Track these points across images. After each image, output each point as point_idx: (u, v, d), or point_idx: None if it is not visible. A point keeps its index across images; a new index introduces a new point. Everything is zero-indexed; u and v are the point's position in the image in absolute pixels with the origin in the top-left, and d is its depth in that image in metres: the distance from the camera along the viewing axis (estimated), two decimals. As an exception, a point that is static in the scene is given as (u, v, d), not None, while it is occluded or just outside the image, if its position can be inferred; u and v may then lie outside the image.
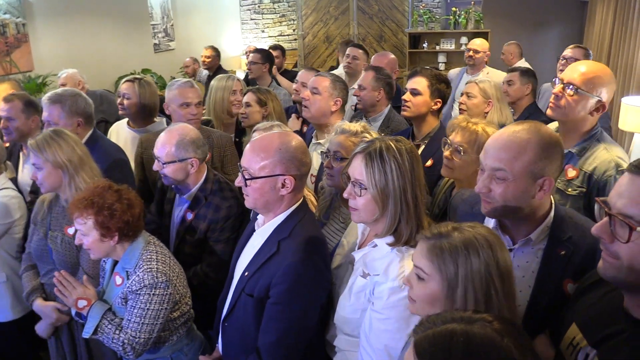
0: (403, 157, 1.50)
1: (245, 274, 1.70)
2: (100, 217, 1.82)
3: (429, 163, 2.44)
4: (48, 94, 2.67)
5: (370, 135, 2.02)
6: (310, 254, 1.61)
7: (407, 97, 2.68)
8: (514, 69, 3.72)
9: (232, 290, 1.79)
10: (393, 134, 2.48)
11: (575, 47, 3.64)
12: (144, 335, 1.83)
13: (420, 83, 2.67)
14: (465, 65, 4.86)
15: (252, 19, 9.18)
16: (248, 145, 1.70)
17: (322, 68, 8.31)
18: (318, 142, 2.76)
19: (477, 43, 4.72)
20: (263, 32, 9.13)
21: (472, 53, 4.67)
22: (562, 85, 1.98)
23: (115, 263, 1.97)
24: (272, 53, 4.79)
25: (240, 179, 1.66)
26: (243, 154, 1.70)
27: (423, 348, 0.89)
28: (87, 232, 1.85)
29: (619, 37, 5.34)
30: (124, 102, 3.06)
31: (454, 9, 7.69)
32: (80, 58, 5.64)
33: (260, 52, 4.53)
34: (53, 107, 2.59)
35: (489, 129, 2.02)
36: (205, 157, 2.34)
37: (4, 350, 2.68)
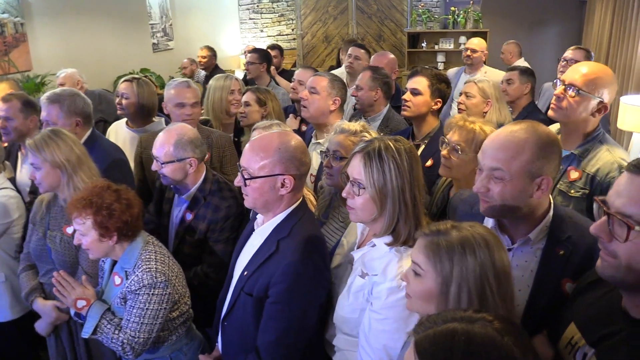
0: (402, 156, 1.50)
1: (245, 274, 1.70)
2: (99, 217, 1.82)
3: (429, 163, 2.44)
4: (46, 94, 2.67)
5: (370, 135, 2.02)
6: (310, 253, 1.61)
7: (407, 96, 2.68)
8: (513, 68, 3.72)
9: (231, 290, 1.79)
10: (392, 134, 2.48)
11: (576, 48, 3.62)
12: (143, 335, 1.83)
13: (421, 83, 2.67)
14: (464, 65, 4.86)
15: (250, 19, 9.18)
16: (247, 145, 1.69)
17: (321, 68, 8.31)
18: (317, 141, 2.76)
19: (474, 42, 4.72)
20: (262, 31, 9.13)
21: (469, 52, 4.66)
22: (563, 87, 1.97)
23: (114, 263, 1.97)
24: (269, 52, 4.79)
25: (240, 179, 1.66)
26: (242, 154, 1.69)
27: (424, 347, 0.89)
28: (85, 232, 1.85)
29: (618, 36, 5.35)
30: (123, 101, 3.05)
31: (453, 9, 7.68)
32: (79, 58, 5.63)
33: (257, 51, 4.52)
34: (51, 106, 2.59)
35: (486, 128, 2.02)
36: (204, 156, 2.33)
37: (4, 350, 2.68)
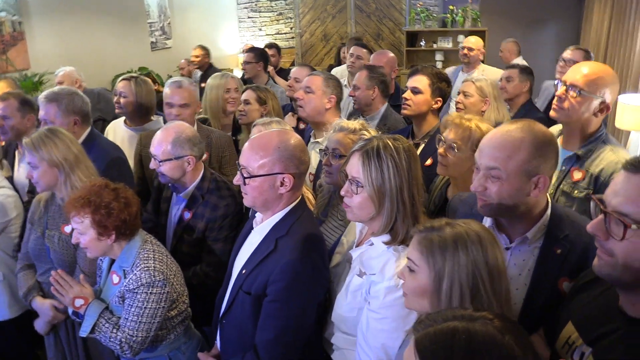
0: (400, 155, 1.50)
1: (243, 272, 1.69)
2: (97, 215, 1.81)
3: (429, 162, 2.43)
4: (44, 93, 2.66)
5: (369, 133, 2.02)
6: (308, 252, 1.61)
7: (407, 95, 2.67)
8: (513, 66, 3.73)
9: (230, 288, 1.79)
10: (392, 132, 2.47)
11: (575, 48, 3.61)
12: (142, 334, 1.83)
13: (421, 81, 2.66)
14: (462, 64, 4.86)
15: (249, 17, 9.17)
16: (247, 144, 1.69)
17: (319, 66, 8.30)
18: (316, 140, 2.76)
19: (471, 41, 4.72)
20: (260, 30, 9.12)
21: (466, 51, 4.67)
22: (565, 87, 1.96)
23: (112, 262, 1.97)
24: (265, 51, 4.77)
25: (239, 178, 1.65)
26: (241, 152, 1.69)
27: (424, 345, 0.89)
28: (84, 230, 1.84)
29: (616, 35, 5.35)
30: (121, 100, 3.05)
31: (451, 7, 7.68)
32: (77, 56, 5.62)
33: (253, 50, 4.51)
34: (49, 105, 2.58)
35: (483, 125, 2.01)
36: (202, 154, 2.33)
37: (2, 349, 2.68)
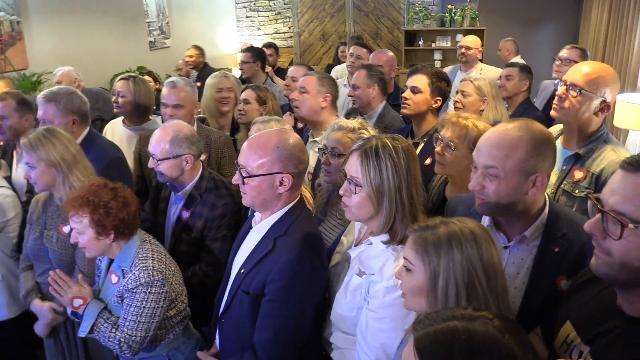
0: (399, 155, 1.50)
1: (242, 271, 1.69)
2: (96, 215, 1.81)
3: (428, 161, 2.42)
4: (43, 92, 2.65)
5: (368, 132, 2.02)
6: (307, 252, 1.61)
7: (407, 94, 2.67)
8: (513, 64, 3.73)
9: (228, 287, 1.78)
10: (392, 132, 2.47)
11: (572, 47, 3.62)
12: (141, 334, 1.83)
13: (421, 81, 2.66)
14: (460, 63, 4.87)
15: (247, 17, 9.16)
16: (245, 143, 1.69)
17: (318, 65, 8.31)
18: (314, 140, 2.76)
19: (469, 40, 4.72)
20: (259, 29, 9.12)
21: (464, 50, 4.67)
22: (565, 87, 1.95)
23: (111, 262, 1.96)
24: (263, 50, 4.76)
25: (238, 177, 1.65)
26: (240, 152, 1.69)
27: (424, 345, 0.89)
28: (82, 230, 1.84)
29: (614, 34, 5.36)
30: (119, 100, 3.05)
31: (450, 7, 7.68)
32: (76, 56, 5.61)
33: (251, 50, 4.49)
34: (48, 105, 2.58)
35: (480, 124, 2.02)
36: (200, 153, 2.33)
37: (1, 349, 2.67)
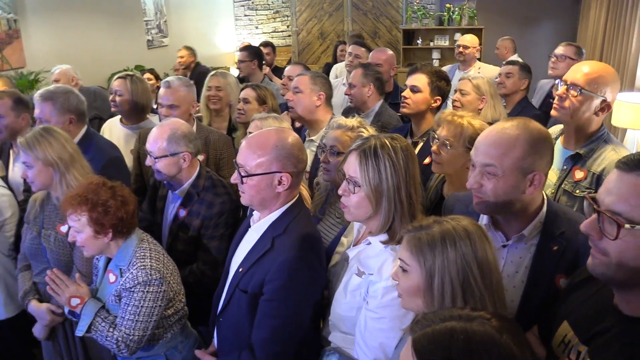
0: (398, 155, 1.50)
1: (240, 270, 1.69)
2: (95, 213, 1.81)
3: (427, 161, 2.41)
4: (40, 91, 2.64)
5: (367, 131, 2.02)
6: (305, 251, 1.60)
7: (406, 94, 2.66)
8: (513, 62, 3.73)
9: (227, 286, 1.78)
10: (392, 131, 2.46)
11: (567, 44, 3.62)
12: (138, 333, 1.82)
13: (420, 80, 2.65)
14: (458, 62, 4.87)
15: (245, 15, 9.16)
16: (244, 142, 1.69)
17: (316, 64, 8.31)
18: (311, 139, 2.77)
19: (467, 39, 4.72)
20: (257, 28, 9.11)
21: (461, 49, 4.67)
22: (565, 86, 1.95)
23: (109, 261, 1.96)
24: (259, 49, 4.75)
25: (237, 176, 1.65)
26: (239, 151, 1.68)
27: (422, 346, 0.88)
28: (80, 228, 1.84)
29: (612, 33, 5.37)
30: (116, 99, 3.05)
31: (448, 6, 7.69)
32: (73, 54, 5.60)
33: (247, 49, 4.48)
34: (44, 104, 2.57)
35: (475, 122, 2.02)
36: (198, 151, 2.33)
37: (-2, 349, 2.67)
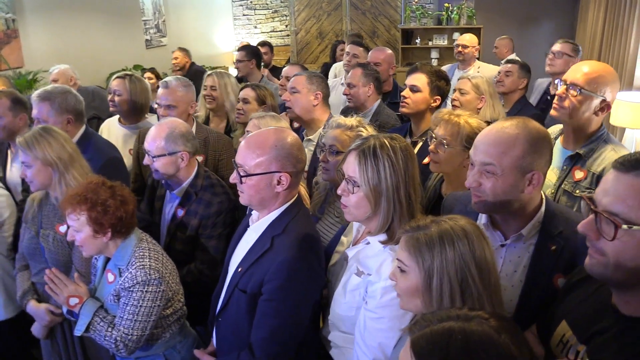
0: (397, 155, 1.50)
1: (239, 270, 1.69)
2: (94, 212, 1.80)
3: (426, 160, 2.41)
4: (37, 91, 2.64)
5: (366, 130, 2.02)
6: (304, 251, 1.60)
7: (406, 93, 2.66)
8: (512, 61, 3.73)
9: (226, 286, 1.78)
10: (390, 131, 2.46)
11: (564, 41, 3.62)
12: (137, 333, 1.82)
13: (420, 79, 2.65)
14: (457, 61, 4.86)
15: (244, 15, 9.15)
16: (243, 142, 1.68)
17: (314, 64, 8.30)
18: (308, 138, 2.77)
19: (466, 38, 4.72)
20: (255, 27, 9.10)
21: (460, 48, 4.67)
22: (565, 86, 1.94)
23: (107, 261, 1.96)
24: (257, 48, 4.74)
25: (236, 176, 1.65)
26: (238, 151, 1.68)
27: (420, 346, 0.88)
28: (79, 228, 1.83)
29: (610, 33, 5.37)
30: (115, 98, 3.04)
31: (447, 5, 7.69)
32: (72, 54, 5.58)
33: (245, 49, 4.47)
34: (42, 104, 2.56)
35: (472, 121, 2.02)
36: (196, 150, 2.33)
37: (-3, 349, 2.66)
